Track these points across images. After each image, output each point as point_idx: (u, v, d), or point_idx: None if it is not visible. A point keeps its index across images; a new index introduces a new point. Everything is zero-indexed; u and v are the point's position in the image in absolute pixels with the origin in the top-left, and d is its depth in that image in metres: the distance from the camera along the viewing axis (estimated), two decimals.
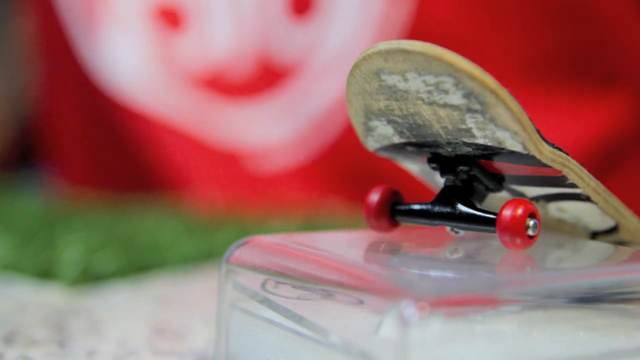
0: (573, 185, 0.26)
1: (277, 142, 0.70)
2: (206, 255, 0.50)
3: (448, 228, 0.27)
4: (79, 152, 0.79)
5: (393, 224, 0.28)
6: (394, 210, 0.28)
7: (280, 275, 0.26)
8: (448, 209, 0.26)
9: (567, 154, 0.25)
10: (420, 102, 0.24)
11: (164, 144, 0.72)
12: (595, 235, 0.29)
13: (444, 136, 0.25)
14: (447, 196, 0.26)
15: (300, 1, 0.69)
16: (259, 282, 0.27)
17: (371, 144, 0.27)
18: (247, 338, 0.27)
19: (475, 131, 0.24)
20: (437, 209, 0.26)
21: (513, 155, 0.25)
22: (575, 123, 0.64)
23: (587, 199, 0.27)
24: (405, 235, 0.29)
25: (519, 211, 0.25)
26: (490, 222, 0.25)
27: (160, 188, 0.72)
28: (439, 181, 0.28)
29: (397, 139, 0.26)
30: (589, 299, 0.24)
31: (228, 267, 0.27)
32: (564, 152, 0.25)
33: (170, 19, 0.72)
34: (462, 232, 0.27)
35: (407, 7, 0.65)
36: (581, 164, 0.26)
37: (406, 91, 0.24)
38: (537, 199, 0.28)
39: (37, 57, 0.81)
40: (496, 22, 0.64)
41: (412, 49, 0.23)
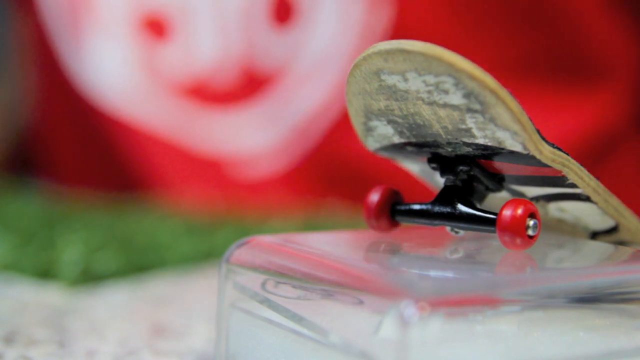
0: (573, 185, 0.26)
1: (261, 149, 0.70)
2: (206, 255, 0.50)
3: (448, 228, 0.27)
4: (68, 157, 0.79)
5: (393, 224, 0.28)
6: (394, 210, 0.28)
7: (280, 275, 0.26)
8: (448, 209, 0.26)
9: (567, 154, 0.25)
10: (420, 102, 0.24)
11: (147, 152, 0.72)
12: (595, 235, 0.29)
13: (444, 136, 0.25)
14: (447, 196, 0.26)
15: (283, 9, 0.69)
16: (259, 282, 0.27)
17: (371, 144, 0.27)
18: (247, 338, 0.27)
19: (475, 131, 0.24)
20: (437, 209, 0.26)
21: (513, 155, 0.25)
22: (559, 121, 0.64)
23: (587, 199, 0.27)
24: (405, 235, 0.29)
25: (519, 211, 0.25)
26: (490, 222, 0.25)
27: (144, 193, 0.72)
28: (439, 181, 0.28)
29: (397, 139, 0.26)
30: (589, 299, 0.24)
31: (228, 267, 0.27)
32: (564, 152, 0.25)
33: (155, 28, 0.72)
34: (462, 232, 0.27)
35: (386, 14, 0.65)
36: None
37: (406, 91, 0.24)
38: (537, 199, 0.28)
39: (27, 64, 0.81)
40: (474, 26, 0.65)
41: (412, 49, 0.23)
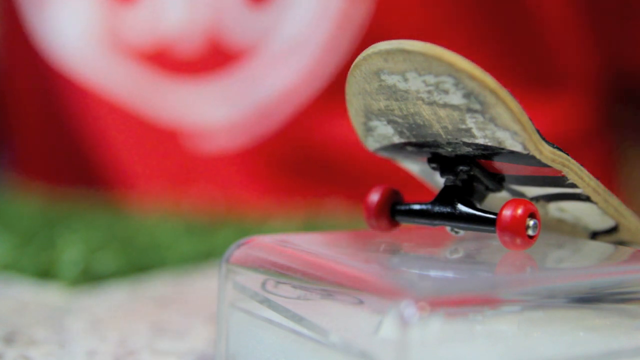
0: (573, 185, 0.26)
1: (220, 123, 0.70)
2: (206, 255, 0.50)
3: (448, 228, 0.27)
4: (26, 117, 0.78)
5: (393, 224, 0.28)
6: (394, 210, 0.28)
7: (280, 275, 0.26)
8: (448, 209, 0.26)
9: (567, 154, 0.25)
10: (420, 102, 0.24)
11: (102, 117, 0.71)
12: (595, 235, 0.29)
13: (444, 136, 0.25)
14: (447, 196, 0.26)
15: None
16: (259, 282, 0.27)
17: (371, 144, 0.27)
18: (247, 338, 0.27)
19: (475, 131, 0.24)
20: (437, 209, 0.26)
21: (513, 155, 0.25)
22: None
23: (587, 199, 0.27)
24: (405, 235, 0.29)
25: (519, 211, 0.25)
26: (490, 222, 0.25)
27: (97, 158, 0.71)
28: (439, 181, 0.28)
29: (397, 139, 0.26)
30: (589, 299, 0.24)
31: (228, 267, 0.27)
32: (564, 152, 0.25)
33: None
34: (462, 232, 0.27)
35: (365, 6, 0.65)
36: None
37: (406, 91, 0.24)
38: (537, 199, 0.28)
39: None
40: (448, 22, 0.65)
41: (412, 49, 0.23)
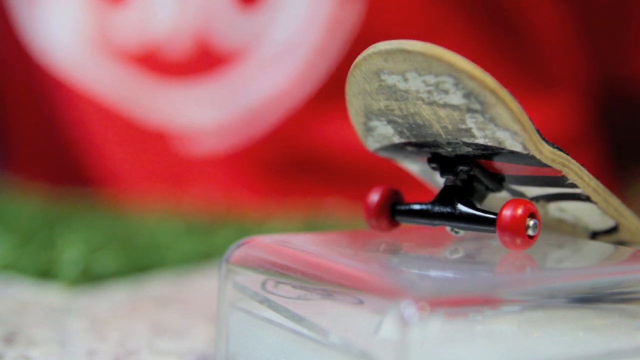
0: (573, 185, 0.26)
1: (208, 126, 0.69)
2: (206, 255, 0.50)
3: (448, 228, 0.27)
4: (16, 117, 0.78)
5: (393, 224, 0.28)
6: (394, 210, 0.28)
7: (280, 275, 0.26)
8: (448, 209, 0.26)
9: (567, 154, 0.25)
10: (420, 102, 0.24)
11: (91, 118, 0.71)
12: (595, 235, 0.29)
13: (444, 136, 0.25)
14: (447, 196, 0.26)
15: None
16: (259, 282, 0.27)
17: (371, 144, 0.27)
18: (247, 338, 0.27)
19: (475, 131, 0.24)
20: (437, 209, 0.26)
21: (513, 155, 0.25)
22: None
23: (587, 199, 0.27)
24: (405, 235, 0.29)
25: (519, 211, 0.25)
26: (490, 222, 0.25)
27: (84, 158, 0.71)
28: (439, 181, 0.28)
29: (397, 139, 0.26)
30: (589, 299, 0.24)
31: (228, 267, 0.27)
32: (564, 152, 0.25)
33: None
34: (462, 232, 0.27)
35: (355, 9, 0.65)
36: None
37: (406, 91, 0.24)
38: (537, 199, 0.28)
39: None
40: (440, 24, 0.65)
41: (412, 49, 0.23)
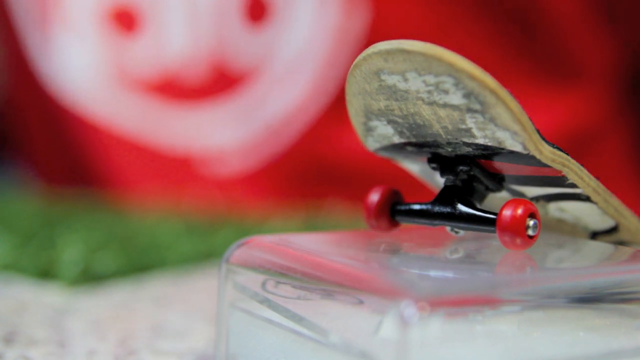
0: (573, 185, 0.26)
1: (231, 146, 0.70)
2: (206, 255, 0.50)
3: (448, 228, 0.27)
4: (38, 150, 0.78)
5: (393, 224, 0.28)
6: (394, 210, 0.28)
7: (280, 275, 0.26)
8: (448, 209, 0.26)
9: (567, 154, 0.25)
10: (420, 102, 0.24)
11: (111, 150, 0.72)
12: (595, 235, 0.29)
13: (444, 136, 0.25)
14: (447, 196, 0.26)
15: (256, 8, 0.69)
16: (259, 282, 0.27)
17: (371, 144, 0.27)
18: (247, 338, 0.27)
19: (475, 131, 0.24)
20: (437, 209, 0.26)
21: (513, 155, 0.25)
22: (538, 118, 0.64)
23: (587, 199, 0.27)
24: (405, 235, 0.29)
25: (519, 211, 0.25)
26: (490, 222, 0.25)
27: (108, 191, 0.71)
28: (439, 181, 0.28)
29: (397, 139, 0.26)
30: (589, 299, 0.24)
31: (228, 267, 0.27)
32: (564, 152, 0.25)
33: (125, 21, 0.72)
34: (462, 232, 0.27)
35: (362, 16, 0.65)
36: None
37: (406, 91, 0.24)
38: (537, 199, 0.28)
39: None
40: (451, 28, 0.65)
41: (412, 49, 0.23)
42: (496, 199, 0.28)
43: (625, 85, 0.69)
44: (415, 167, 0.29)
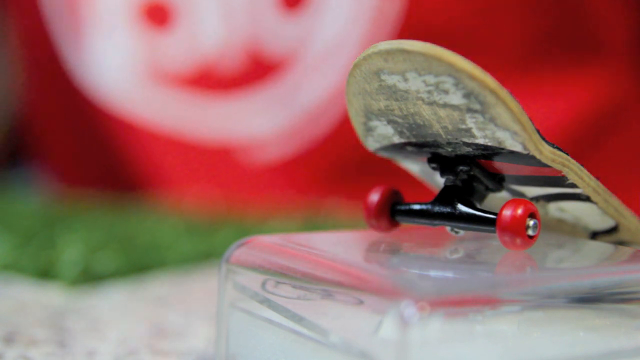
0: (573, 185, 0.26)
1: (270, 134, 0.70)
2: (206, 255, 0.50)
3: (448, 228, 0.27)
4: (65, 153, 0.78)
5: (393, 224, 0.28)
6: (394, 210, 0.28)
7: (280, 275, 0.26)
8: (448, 209, 0.26)
9: (567, 154, 0.25)
10: (420, 102, 0.24)
11: (150, 148, 0.71)
12: (595, 235, 0.29)
13: (444, 136, 0.25)
14: (447, 196, 0.26)
15: None
16: (259, 282, 0.27)
17: (371, 144, 0.27)
18: (247, 338, 0.27)
19: (475, 131, 0.24)
20: (437, 209, 0.26)
21: (513, 155, 0.25)
22: (565, 98, 0.64)
23: (587, 199, 0.27)
24: (405, 235, 0.29)
25: (519, 211, 0.25)
26: (490, 222, 0.25)
27: (147, 192, 0.71)
28: (439, 181, 0.28)
29: (397, 139, 0.26)
30: (589, 299, 0.24)
31: (228, 267, 0.27)
32: (564, 152, 0.25)
33: (158, 15, 0.71)
34: (462, 232, 0.27)
35: (398, 3, 0.65)
36: (575, 138, 0.26)
37: (406, 91, 0.24)
38: (537, 199, 0.28)
39: (22, 58, 0.80)
40: (484, 10, 0.65)
41: (412, 49, 0.23)
42: (496, 199, 0.28)
43: None
44: (415, 167, 0.29)
